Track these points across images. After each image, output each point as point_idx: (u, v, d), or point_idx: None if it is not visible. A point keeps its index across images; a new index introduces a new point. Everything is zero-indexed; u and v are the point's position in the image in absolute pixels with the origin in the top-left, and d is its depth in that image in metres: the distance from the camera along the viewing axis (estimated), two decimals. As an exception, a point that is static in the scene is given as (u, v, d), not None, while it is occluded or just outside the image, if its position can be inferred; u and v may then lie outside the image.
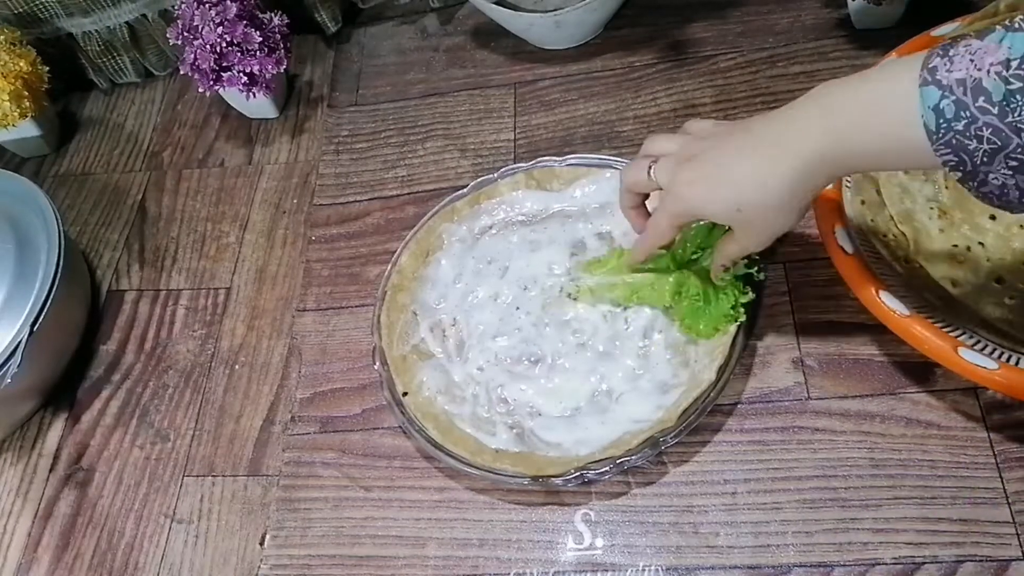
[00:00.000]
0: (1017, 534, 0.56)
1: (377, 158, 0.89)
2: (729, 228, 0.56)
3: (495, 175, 0.78)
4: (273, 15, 0.90)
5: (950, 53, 0.40)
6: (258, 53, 0.87)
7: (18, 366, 0.71)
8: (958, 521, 0.57)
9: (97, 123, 1.03)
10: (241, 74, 0.87)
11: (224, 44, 0.85)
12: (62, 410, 0.80)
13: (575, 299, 0.69)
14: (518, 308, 0.71)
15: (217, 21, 0.84)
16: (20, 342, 0.72)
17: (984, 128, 0.39)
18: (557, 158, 0.78)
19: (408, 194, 0.85)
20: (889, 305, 0.56)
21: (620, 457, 0.61)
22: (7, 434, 0.79)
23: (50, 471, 0.76)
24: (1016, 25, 0.39)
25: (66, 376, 0.81)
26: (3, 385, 0.71)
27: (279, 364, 0.78)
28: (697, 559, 0.60)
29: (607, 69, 0.89)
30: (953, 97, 0.40)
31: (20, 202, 0.82)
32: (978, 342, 0.57)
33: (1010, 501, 0.57)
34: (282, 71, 0.91)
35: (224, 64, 0.87)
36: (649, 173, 0.56)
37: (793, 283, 0.69)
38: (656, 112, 0.83)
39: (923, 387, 0.63)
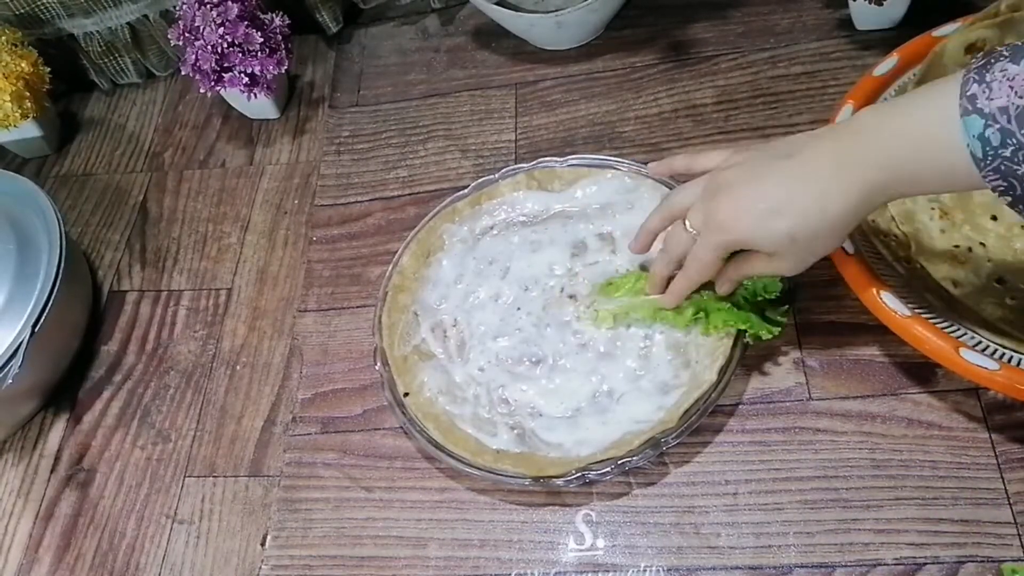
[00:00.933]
0: (1018, 535, 0.56)
1: (378, 159, 0.89)
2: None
3: (496, 176, 0.78)
4: (274, 16, 0.90)
5: (987, 79, 0.40)
6: (259, 54, 0.87)
7: (19, 367, 0.71)
8: (959, 522, 0.57)
9: (98, 124, 1.03)
10: (242, 75, 0.87)
11: (225, 45, 0.85)
12: (63, 411, 0.80)
13: (598, 325, 0.68)
14: (519, 309, 0.71)
15: (218, 22, 0.84)
16: (21, 343, 0.72)
17: None
18: (558, 159, 0.78)
19: (409, 195, 0.85)
20: (890, 306, 0.56)
21: (621, 458, 0.61)
22: (8, 435, 0.79)
23: (51, 472, 0.76)
24: None
25: (67, 377, 0.81)
26: (4, 386, 0.71)
27: (280, 365, 0.78)
28: (698, 560, 0.60)
29: (608, 70, 0.89)
30: (998, 125, 0.40)
31: (21, 203, 0.82)
32: (979, 343, 0.57)
33: (1011, 502, 0.57)
34: (283, 72, 0.91)
35: (225, 65, 0.87)
36: (686, 227, 0.56)
37: (794, 283, 0.69)
38: (657, 113, 0.83)
39: (924, 388, 0.63)
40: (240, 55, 0.87)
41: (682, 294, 0.62)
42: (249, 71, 0.87)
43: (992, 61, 0.41)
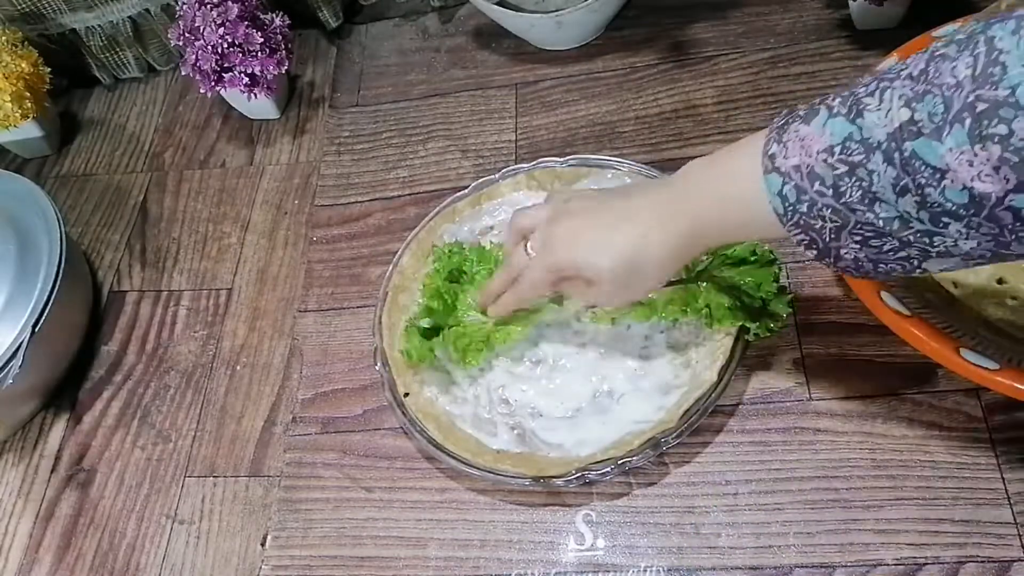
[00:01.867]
0: (1019, 535, 0.56)
1: (378, 159, 0.89)
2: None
3: (496, 176, 0.78)
4: (274, 16, 0.90)
5: (784, 139, 0.43)
6: (259, 54, 0.87)
7: (20, 367, 0.71)
8: (960, 522, 0.57)
9: (99, 124, 1.03)
10: (242, 75, 0.87)
11: (225, 45, 0.85)
12: (63, 411, 0.80)
13: (596, 324, 0.68)
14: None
15: (218, 22, 0.84)
16: (22, 343, 0.72)
17: (824, 209, 0.42)
18: (558, 159, 0.78)
19: (409, 195, 0.85)
20: (890, 306, 0.56)
21: (621, 458, 0.61)
22: (9, 435, 0.79)
23: (51, 472, 0.76)
24: (835, 108, 0.41)
25: (67, 377, 0.81)
26: (5, 386, 0.71)
27: (280, 365, 0.78)
28: (698, 560, 0.60)
29: (608, 70, 0.89)
30: (793, 183, 0.42)
31: (21, 203, 0.82)
32: (979, 343, 0.57)
33: (1012, 502, 0.57)
34: (283, 72, 0.91)
35: (225, 65, 0.87)
36: (527, 249, 0.59)
37: (794, 284, 0.69)
38: (657, 113, 0.83)
39: (925, 388, 0.63)
40: (240, 55, 0.87)
41: (509, 308, 0.65)
42: (249, 71, 0.87)
43: (789, 121, 0.44)
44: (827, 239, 0.43)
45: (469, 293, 0.70)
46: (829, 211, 0.42)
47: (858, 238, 0.42)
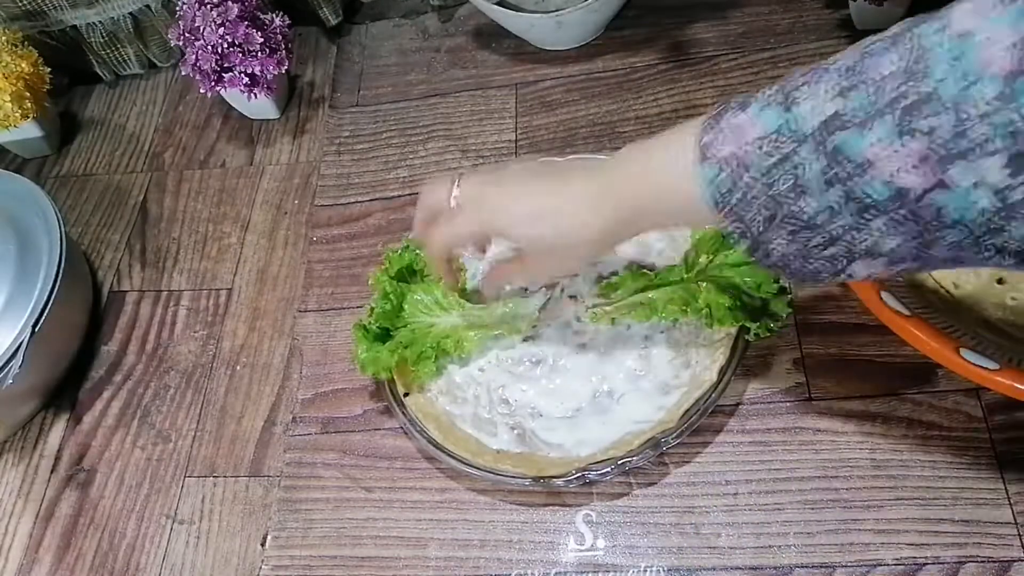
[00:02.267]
0: (1019, 535, 0.56)
1: (378, 159, 0.89)
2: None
3: (496, 176, 0.78)
4: (274, 16, 0.90)
5: (719, 125, 0.43)
6: (259, 54, 0.87)
7: (19, 367, 0.71)
8: (960, 522, 0.57)
9: (99, 124, 1.03)
10: (242, 75, 0.87)
11: (225, 45, 0.85)
12: (63, 411, 0.80)
13: (595, 324, 0.69)
14: (519, 309, 0.71)
15: (218, 22, 0.84)
16: (22, 343, 0.72)
17: (755, 199, 0.42)
18: (558, 159, 0.78)
19: (410, 195, 0.85)
20: (890, 306, 0.56)
21: (621, 458, 0.61)
22: (8, 435, 0.79)
23: (51, 472, 0.76)
24: (769, 97, 0.41)
25: (67, 377, 0.81)
26: (5, 386, 0.71)
27: (280, 365, 0.78)
28: (698, 560, 0.60)
29: (608, 70, 0.89)
30: (728, 171, 0.42)
31: (21, 203, 0.82)
32: (980, 343, 0.57)
33: (1012, 502, 0.57)
34: (283, 72, 0.91)
35: (225, 65, 0.87)
36: (454, 184, 0.58)
37: (795, 284, 0.69)
38: (657, 112, 0.83)
39: (925, 388, 0.63)
40: (240, 55, 0.87)
41: (438, 254, 0.61)
42: (249, 71, 0.87)
43: (724, 110, 0.44)
44: (758, 230, 0.43)
45: (417, 293, 0.70)
46: (760, 201, 0.42)
47: (787, 230, 0.42)
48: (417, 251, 0.72)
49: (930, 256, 0.39)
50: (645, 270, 0.68)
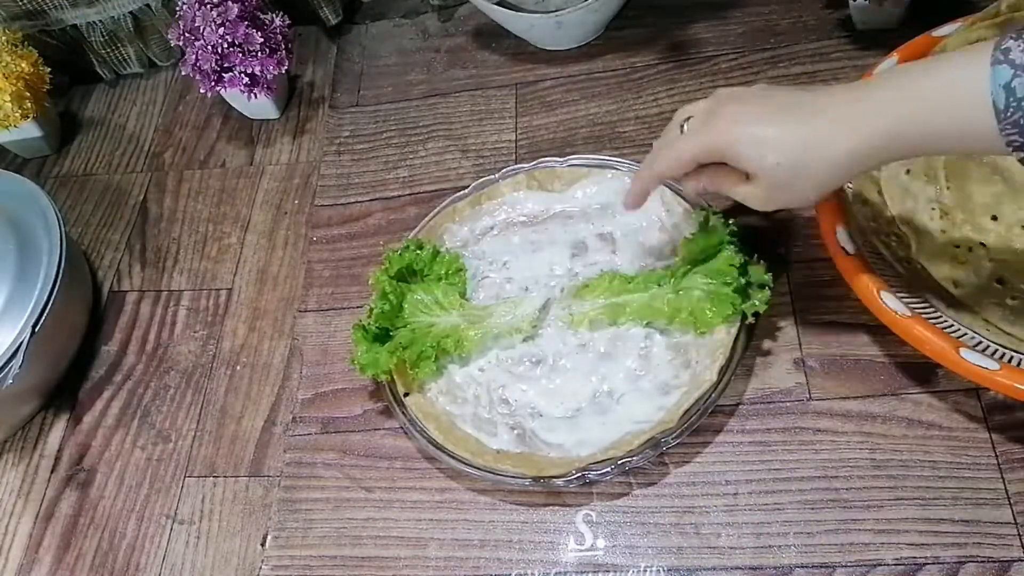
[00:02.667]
0: (1019, 535, 0.56)
1: (378, 159, 0.89)
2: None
3: (496, 176, 0.78)
4: (274, 16, 0.90)
5: (1022, 36, 0.41)
6: (259, 54, 0.87)
7: (20, 367, 0.71)
8: (960, 522, 0.57)
9: (99, 124, 1.03)
10: (242, 75, 0.87)
11: (225, 45, 0.85)
12: (63, 411, 0.80)
13: (574, 329, 0.69)
14: (519, 309, 0.71)
15: (218, 22, 0.84)
16: (22, 343, 0.72)
17: None
18: (558, 159, 0.78)
19: (409, 195, 0.85)
20: (890, 306, 0.56)
21: (621, 458, 0.61)
22: (9, 435, 0.79)
23: (51, 472, 0.76)
24: None
25: (67, 377, 0.81)
26: (5, 386, 0.71)
27: (280, 365, 0.78)
28: (698, 560, 0.60)
29: (608, 70, 0.89)
30: None
31: (21, 203, 0.82)
32: (979, 343, 0.57)
33: (1012, 502, 0.57)
34: (283, 72, 0.91)
35: (225, 65, 0.87)
36: (681, 128, 0.53)
37: (794, 284, 0.69)
38: (657, 113, 0.83)
39: (925, 388, 0.63)
40: (240, 55, 0.87)
41: (647, 180, 0.58)
42: (249, 71, 0.87)
43: None
44: None
45: (417, 293, 0.70)
46: None
47: None
48: (418, 251, 0.72)
49: None
50: (620, 274, 0.69)
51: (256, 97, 0.89)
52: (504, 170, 0.79)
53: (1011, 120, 0.41)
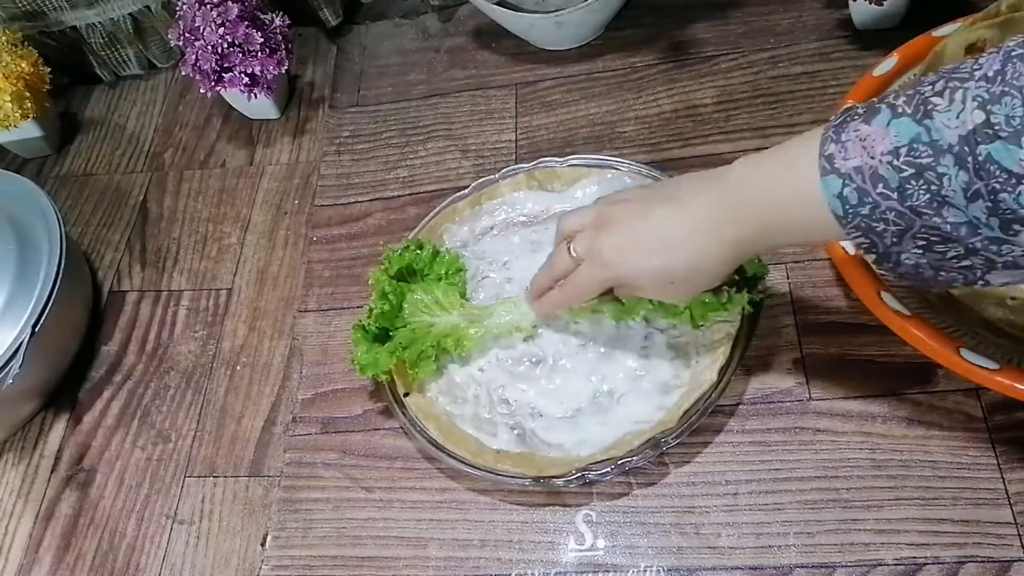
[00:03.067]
0: (1019, 535, 0.56)
1: (378, 159, 0.89)
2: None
3: (496, 176, 0.78)
4: (274, 16, 0.90)
5: (842, 138, 0.42)
6: (259, 54, 0.87)
7: (19, 367, 0.71)
8: (960, 522, 0.57)
9: (99, 124, 1.03)
10: (242, 75, 0.87)
11: (225, 45, 0.85)
12: (63, 411, 0.80)
13: (572, 319, 0.68)
14: (519, 309, 0.71)
15: (218, 22, 0.84)
16: (21, 343, 0.72)
17: (888, 212, 0.40)
18: (558, 159, 0.78)
19: (409, 195, 0.85)
20: (890, 306, 0.56)
21: (621, 458, 0.61)
22: (8, 435, 0.79)
23: (51, 472, 0.76)
24: (899, 107, 0.40)
25: (67, 377, 0.81)
26: (4, 386, 0.71)
27: (280, 365, 0.78)
28: (698, 560, 0.60)
29: (608, 70, 0.89)
30: (854, 184, 0.41)
31: (21, 203, 0.82)
32: (979, 343, 0.57)
33: (1012, 502, 0.57)
34: (283, 72, 0.91)
35: (225, 65, 0.87)
36: (570, 252, 0.58)
37: (794, 284, 0.69)
38: (657, 113, 0.83)
39: (925, 388, 0.63)
40: (240, 55, 0.87)
41: (555, 308, 0.64)
42: (249, 71, 0.87)
43: (847, 120, 0.42)
44: (888, 243, 0.42)
45: (417, 293, 0.70)
46: (893, 214, 0.40)
47: (922, 243, 0.40)
48: (418, 251, 0.72)
49: None
50: None
51: (256, 97, 0.89)
52: (504, 170, 0.79)
53: (853, 225, 0.42)
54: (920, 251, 0.41)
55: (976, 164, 0.37)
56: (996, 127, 0.36)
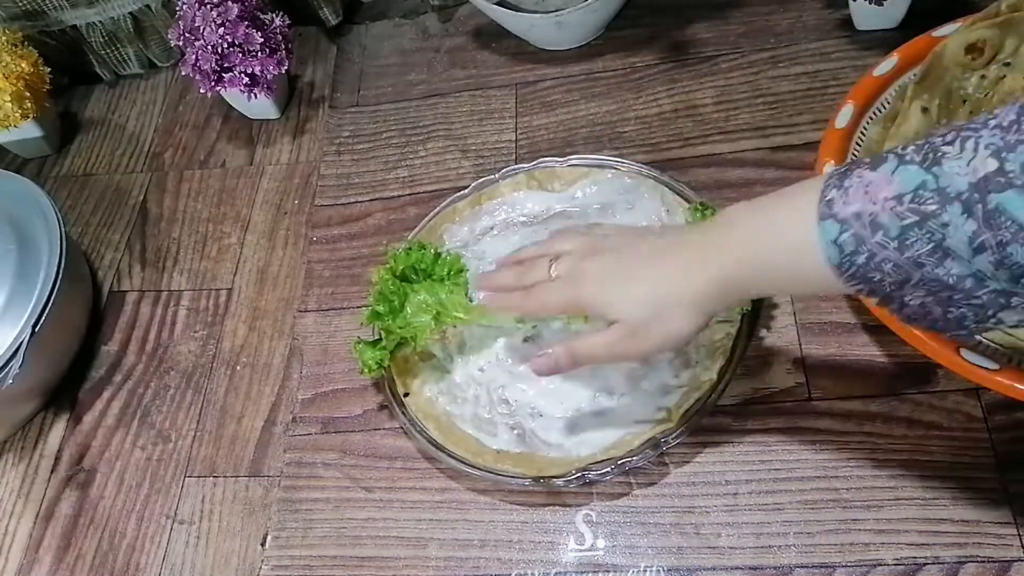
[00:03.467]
0: (1019, 535, 0.56)
1: (378, 159, 0.89)
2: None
3: (496, 176, 0.78)
4: (274, 16, 0.90)
5: (845, 184, 0.40)
6: (259, 54, 0.87)
7: (19, 367, 0.71)
8: (960, 522, 0.57)
9: (99, 124, 1.03)
10: (242, 75, 0.87)
11: (225, 45, 0.85)
12: (63, 411, 0.80)
13: (569, 324, 0.68)
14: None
15: (218, 22, 0.84)
16: (22, 343, 0.72)
17: (884, 263, 0.39)
18: (558, 159, 0.78)
19: (409, 195, 0.85)
20: (891, 306, 0.56)
21: (621, 458, 0.61)
22: (9, 435, 0.79)
23: (51, 472, 0.76)
24: (907, 156, 0.39)
25: (67, 377, 0.81)
26: (5, 386, 0.71)
27: (280, 365, 0.78)
28: (698, 560, 0.60)
29: (608, 70, 0.89)
30: (852, 231, 0.39)
31: (21, 203, 0.82)
32: (979, 343, 0.57)
33: (1012, 502, 0.57)
34: (283, 72, 0.91)
35: (225, 65, 0.87)
36: (550, 268, 0.57)
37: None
38: (657, 113, 0.83)
39: (925, 388, 0.63)
40: (240, 55, 0.87)
41: (510, 311, 0.63)
42: (249, 71, 0.87)
43: (853, 167, 0.41)
44: (888, 290, 0.40)
45: (420, 294, 0.70)
46: (890, 266, 0.39)
47: (923, 290, 0.39)
48: (421, 251, 0.72)
49: None
50: None
51: (256, 97, 0.89)
52: (504, 170, 0.79)
53: (849, 273, 0.41)
54: (923, 293, 0.40)
55: (985, 213, 0.35)
56: (1010, 175, 0.34)
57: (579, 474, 0.61)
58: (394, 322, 0.69)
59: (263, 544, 0.68)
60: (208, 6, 0.85)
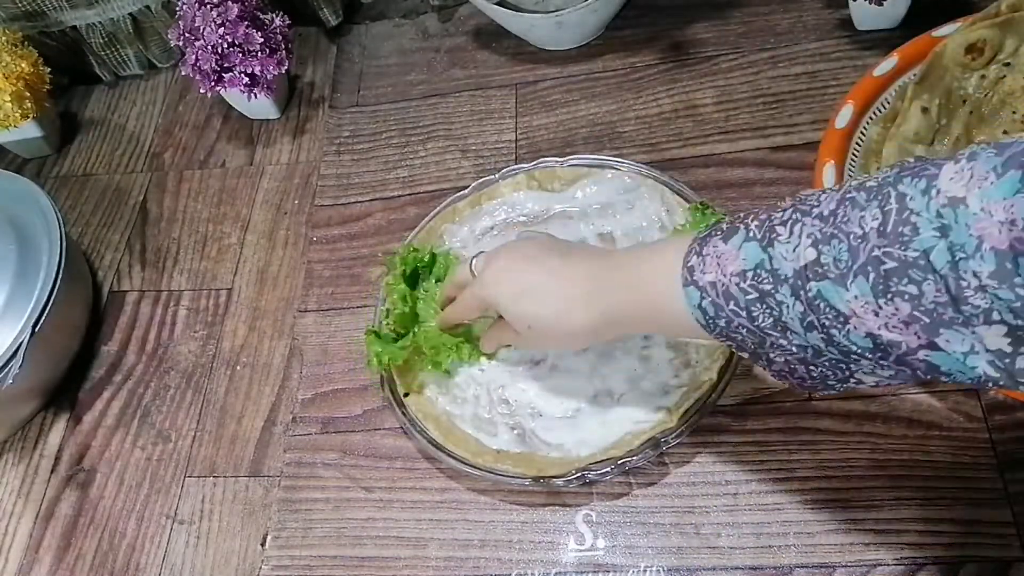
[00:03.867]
0: (1019, 535, 0.56)
1: (378, 159, 0.89)
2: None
3: (496, 176, 0.78)
4: (274, 16, 0.90)
5: (703, 252, 0.43)
6: (259, 54, 0.87)
7: (19, 367, 0.71)
8: (960, 522, 0.57)
9: (99, 124, 1.03)
10: (242, 75, 0.87)
11: (225, 45, 0.85)
12: (63, 411, 0.80)
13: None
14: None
15: (218, 22, 0.84)
16: (21, 343, 0.72)
17: (740, 328, 0.42)
18: (558, 159, 0.78)
19: (409, 195, 0.85)
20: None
21: (621, 458, 0.61)
22: (8, 435, 0.79)
23: (51, 472, 0.76)
24: (751, 231, 0.41)
25: (67, 377, 0.81)
26: (5, 386, 0.71)
27: (280, 365, 0.78)
28: (698, 560, 0.60)
29: (608, 70, 0.89)
30: (710, 298, 0.42)
31: (21, 203, 0.82)
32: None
33: (1012, 502, 0.57)
34: (283, 72, 0.91)
35: (225, 65, 0.87)
36: (471, 265, 0.61)
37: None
38: (657, 113, 0.83)
39: (925, 388, 0.63)
40: (240, 55, 0.87)
41: (444, 321, 0.67)
42: (249, 71, 0.87)
43: (712, 234, 0.43)
44: (752, 349, 0.43)
45: (424, 301, 0.70)
46: (745, 331, 0.42)
47: (778, 352, 0.42)
48: (419, 252, 0.72)
49: (930, 381, 0.40)
50: None
51: (256, 97, 0.89)
52: (504, 170, 0.79)
53: (716, 332, 0.43)
54: (783, 358, 0.42)
55: (808, 299, 0.37)
56: (825, 267, 0.36)
57: (579, 474, 0.61)
58: (409, 325, 0.69)
59: (263, 544, 0.68)
60: (208, 6, 0.85)
